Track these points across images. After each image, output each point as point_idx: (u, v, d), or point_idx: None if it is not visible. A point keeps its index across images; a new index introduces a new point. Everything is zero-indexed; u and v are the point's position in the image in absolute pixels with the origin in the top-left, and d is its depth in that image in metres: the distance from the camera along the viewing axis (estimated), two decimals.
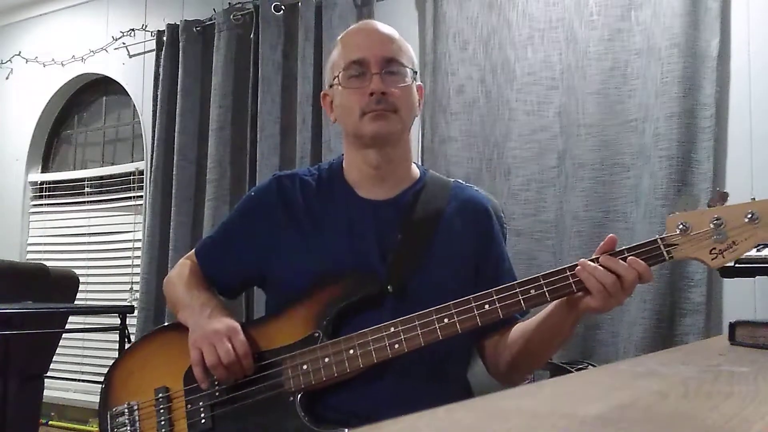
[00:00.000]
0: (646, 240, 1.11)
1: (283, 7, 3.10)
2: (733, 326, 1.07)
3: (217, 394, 1.23)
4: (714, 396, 0.58)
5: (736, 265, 1.23)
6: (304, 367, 1.19)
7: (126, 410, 1.29)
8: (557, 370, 2.07)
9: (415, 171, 1.38)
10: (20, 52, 4.23)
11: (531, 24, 2.54)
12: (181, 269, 1.41)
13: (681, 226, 1.09)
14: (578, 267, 1.10)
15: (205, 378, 1.22)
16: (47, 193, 4.19)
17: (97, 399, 1.34)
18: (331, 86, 1.34)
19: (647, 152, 2.27)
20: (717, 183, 2.18)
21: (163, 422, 1.25)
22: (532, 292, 1.12)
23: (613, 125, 2.36)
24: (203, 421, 1.23)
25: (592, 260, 1.11)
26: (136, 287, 3.49)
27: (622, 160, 2.34)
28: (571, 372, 2.05)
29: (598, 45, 2.39)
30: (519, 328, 1.26)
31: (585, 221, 2.35)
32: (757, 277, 1.73)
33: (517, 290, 1.13)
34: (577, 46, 2.44)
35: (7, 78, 4.31)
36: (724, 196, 1.08)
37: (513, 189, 2.49)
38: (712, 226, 1.07)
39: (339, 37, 1.37)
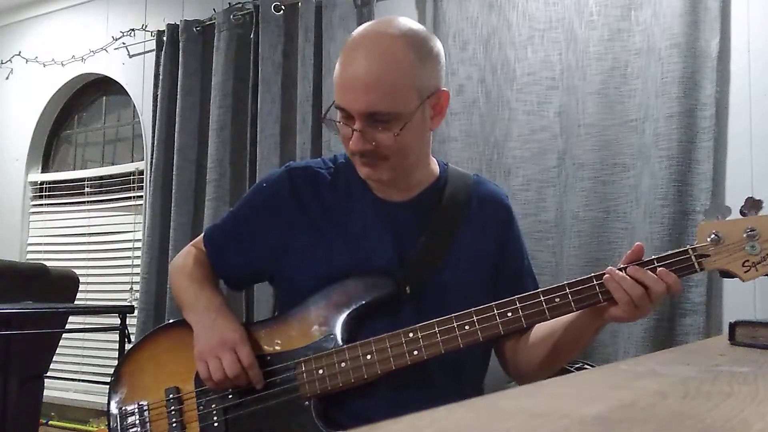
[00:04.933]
0: (676, 250, 1.08)
1: (283, 7, 3.10)
2: (733, 326, 1.06)
3: (230, 397, 1.21)
4: (714, 396, 0.58)
5: None
6: (320, 371, 1.16)
7: (136, 410, 1.26)
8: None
9: (434, 167, 1.32)
10: (20, 52, 4.23)
11: (531, 24, 2.53)
12: (186, 258, 1.37)
13: (713, 236, 1.04)
14: (606, 276, 1.07)
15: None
16: (47, 193, 4.18)
17: (97, 399, 1.34)
18: None
19: (647, 152, 2.27)
20: (717, 183, 2.18)
21: (174, 424, 1.23)
22: (557, 300, 1.10)
23: (613, 125, 2.36)
24: (216, 424, 1.21)
25: (620, 269, 1.08)
26: (136, 287, 3.48)
27: (622, 160, 2.34)
28: (571, 372, 2.04)
29: (598, 45, 2.39)
30: (539, 331, 1.23)
31: (585, 221, 2.35)
32: None
33: (541, 299, 1.10)
34: (577, 46, 2.43)
35: (7, 78, 4.31)
36: (757, 204, 1.04)
37: (513, 189, 2.48)
38: (745, 236, 1.03)
39: (342, 50, 1.19)
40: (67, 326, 2.91)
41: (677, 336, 2.16)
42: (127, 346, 2.59)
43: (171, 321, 1.38)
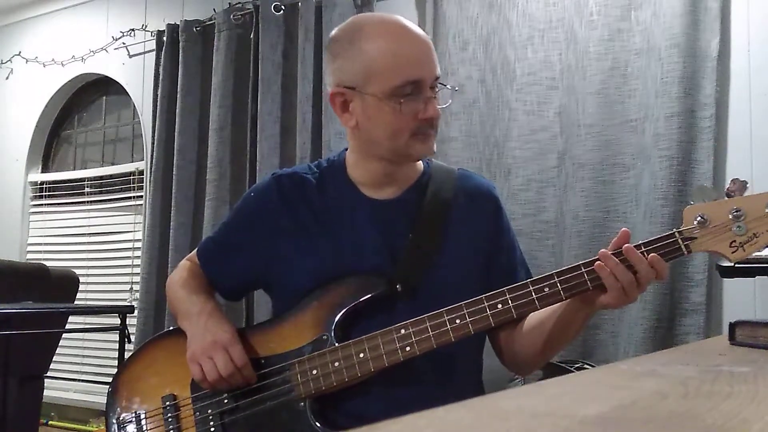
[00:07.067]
0: (663, 234, 1.07)
1: (283, 7, 3.10)
2: (733, 326, 1.06)
3: (225, 401, 1.22)
4: (714, 396, 0.58)
5: (737, 265, 1.21)
6: (314, 372, 1.16)
7: (133, 419, 1.27)
8: (556, 370, 2.06)
9: (419, 163, 1.33)
10: (20, 52, 4.23)
11: (531, 24, 2.53)
12: (181, 272, 1.38)
13: (699, 219, 1.04)
14: (598, 262, 1.06)
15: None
16: (47, 193, 4.19)
17: (97, 399, 1.34)
18: (352, 88, 1.19)
19: (647, 152, 2.28)
20: (717, 183, 2.18)
21: (172, 431, 1.24)
22: (546, 290, 1.09)
23: (613, 125, 2.36)
24: (213, 429, 1.21)
25: (613, 254, 1.06)
26: (136, 287, 3.49)
27: (622, 160, 2.34)
28: (571, 372, 2.04)
29: (598, 45, 2.39)
30: (532, 320, 1.23)
31: (585, 221, 2.35)
32: (757, 277, 1.73)
33: (530, 288, 1.10)
34: (577, 46, 2.44)
35: (7, 78, 4.31)
36: (743, 186, 1.03)
37: (513, 189, 2.49)
38: (731, 217, 1.02)
39: (376, 33, 1.19)
40: (67, 326, 2.91)
41: (677, 336, 2.17)
42: (128, 347, 2.60)
43: (167, 329, 1.38)
